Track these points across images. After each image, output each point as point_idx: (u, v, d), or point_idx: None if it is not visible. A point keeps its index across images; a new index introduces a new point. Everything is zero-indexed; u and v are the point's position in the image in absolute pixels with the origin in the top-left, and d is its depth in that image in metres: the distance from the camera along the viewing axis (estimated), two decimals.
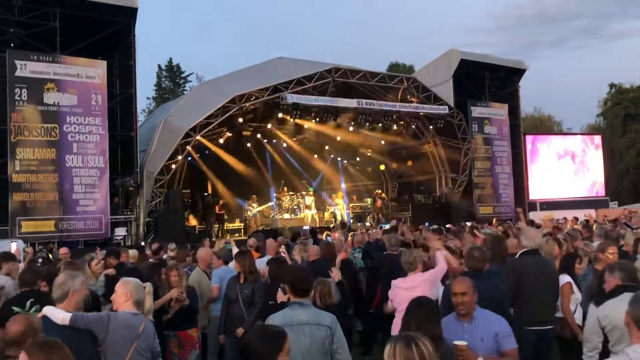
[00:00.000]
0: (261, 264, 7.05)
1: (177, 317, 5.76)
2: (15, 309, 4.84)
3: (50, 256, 10.07)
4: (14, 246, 8.65)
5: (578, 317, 5.58)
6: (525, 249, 5.46)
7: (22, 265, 7.08)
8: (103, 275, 6.90)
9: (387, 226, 14.85)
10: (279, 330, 2.92)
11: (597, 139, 29.75)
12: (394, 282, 5.64)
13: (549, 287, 5.22)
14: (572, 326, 5.41)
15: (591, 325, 4.20)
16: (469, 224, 15.64)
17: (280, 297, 4.93)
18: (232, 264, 6.68)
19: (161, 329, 5.45)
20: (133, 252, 8.79)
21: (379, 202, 24.03)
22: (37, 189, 14.97)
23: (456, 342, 3.53)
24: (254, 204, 22.36)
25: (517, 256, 5.61)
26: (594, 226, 11.63)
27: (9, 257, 6.57)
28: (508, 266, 5.50)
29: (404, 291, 5.32)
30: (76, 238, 15.41)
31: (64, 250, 9.42)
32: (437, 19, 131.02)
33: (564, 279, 5.62)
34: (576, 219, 16.04)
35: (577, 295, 5.67)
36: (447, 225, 14.74)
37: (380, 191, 24.94)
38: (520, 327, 4.71)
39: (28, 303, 4.83)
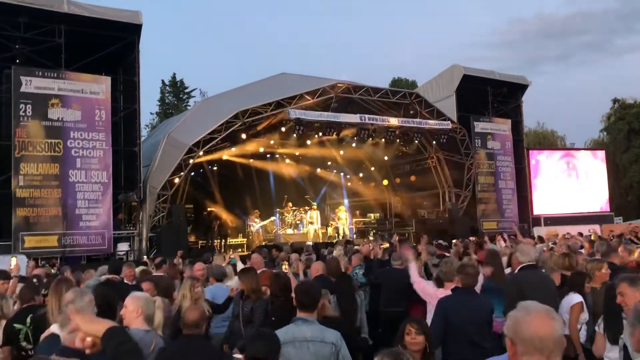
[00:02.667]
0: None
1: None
2: (17, 326, 4.84)
3: (52, 271, 10.04)
4: (13, 261, 8.62)
5: (582, 336, 5.50)
6: (524, 264, 5.41)
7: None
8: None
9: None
10: (273, 334, 2.93)
11: (601, 154, 29.69)
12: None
13: (548, 301, 5.10)
14: (577, 346, 5.33)
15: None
16: (472, 238, 15.53)
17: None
18: (233, 282, 6.65)
19: None
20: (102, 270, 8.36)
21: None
22: (40, 204, 14.97)
23: None
24: (256, 219, 22.32)
25: (516, 271, 5.58)
26: (596, 242, 11.51)
27: (1, 276, 6.53)
28: (509, 281, 5.46)
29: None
30: (79, 253, 15.39)
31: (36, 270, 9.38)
32: (441, 35, 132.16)
33: (575, 298, 5.49)
34: (580, 234, 15.92)
35: (585, 316, 5.58)
36: (453, 241, 14.64)
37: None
38: None
39: (28, 319, 4.83)
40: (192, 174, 19.70)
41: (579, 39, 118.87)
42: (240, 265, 7.91)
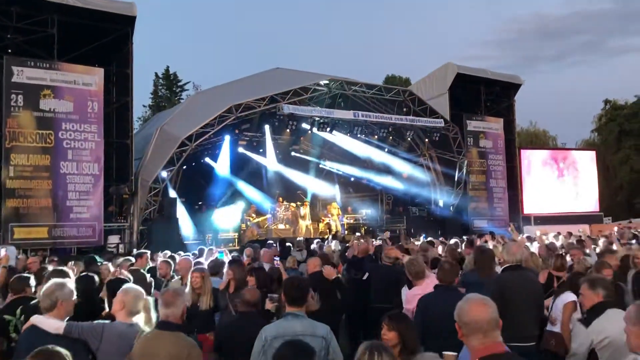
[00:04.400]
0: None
1: (197, 321, 5.75)
2: (7, 317, 4.83)
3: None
4: (2, 252, 8.58)
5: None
6: (508, 264, 5.42)
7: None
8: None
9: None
10: (308, 346, 2.94)
11: (592, 154, 29.90)
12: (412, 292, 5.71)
13: (531, 302, 5.12)
14: (567, 343, 5.38)
15: (581, 345, 4.16)
16: (465, 237, 15.60)
17: (268, 305, 5.11)
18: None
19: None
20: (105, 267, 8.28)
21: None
22: (30, 195, 14.89)
23: (445, 353, 3.52)
24: (253, 214, 22.30)
25: (500, 272, 5.59)
26: (599, 241, 11.57)
27: None
28: (491, 282, 5.47)
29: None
30: (69, 245, 15.33)
31: (31, 259, 9.35)
32: (438, 33, 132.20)
33: (570, 297, 5.56)
34: (570, 234, 16.04)
35: (578, 315, 5.64)
36: (440, 239, 14.67)
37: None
38: None
39: (18, 310, 4.82)
40: (185, 167, 19.64)
41: (575, 40, 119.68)
42: (227, 259, 7.93)
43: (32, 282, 5.36)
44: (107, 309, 5.07)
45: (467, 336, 2.67)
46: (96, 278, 6.08)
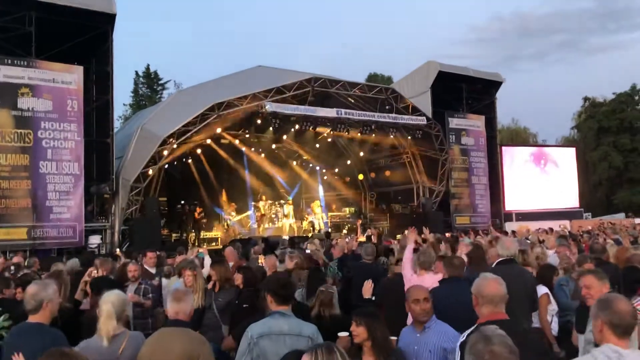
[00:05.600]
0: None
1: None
2: None
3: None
4: None
5: (554, 328, 5.61)
6: (501, 259, 5.46)
7: None
8: None
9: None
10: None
11: (572, 151, 30.31)
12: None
13: (524, 297, 5.14)
14: (549, 337, 5.43)
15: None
16: (447, 234, 15.70)
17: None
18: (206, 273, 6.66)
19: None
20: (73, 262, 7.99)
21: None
22: (8, 196, 14.63)
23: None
24: (232, 213, 22.19)
25: (493, 266, 5.63)
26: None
27: None
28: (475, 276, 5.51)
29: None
30: (49, 246, 15.08)
31: (17, 259, 9.24)
32: (419, 31, 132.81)
33: (541, 290, 5.64)
34: (551, 229, 16.25)
35: (554, 306, 5.71)
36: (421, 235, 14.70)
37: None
38: None
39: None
40: (166, 166, 19.48)
41: (555, 38, 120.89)
42: (207, 259, 7.88)
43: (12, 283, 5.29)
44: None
45: (481, 305, 3.44)
46: None
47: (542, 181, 27.47)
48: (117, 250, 14.68)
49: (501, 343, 2.25)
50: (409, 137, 22.25)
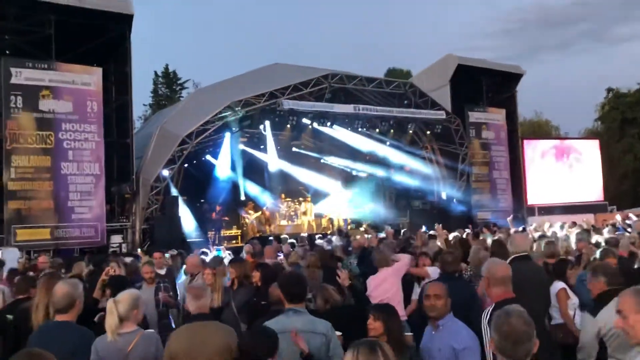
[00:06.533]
0: None
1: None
2: (9, 317, 4.86)
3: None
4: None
5: (578, 322, 5.50)
6: (515, 255, 5.35)
7: None
8: None
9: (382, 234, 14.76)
10: (273, 333, 2.88)
11: (595, 143, 29.74)
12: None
13: (539, 293, 5.04)
14: (573, 331, 5.32)
15: (588, 334, 4.09)
16: (468, 230, 15.52)
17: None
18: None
19: None
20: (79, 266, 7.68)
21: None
22: (32, 197, 14.87)
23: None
24: (250, 211, 22.25)
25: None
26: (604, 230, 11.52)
27: None
28: None
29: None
30: (72, 246, 15.31)
31: (43, 259, 9.36)
32: (439, 24, 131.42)
33: (558, 285, 5.53)
34: (574, 223, 15.96)
35: (574, 300, 5.60)
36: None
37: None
38: None
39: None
40: (186, 165, 19.60)
41: (578, 28, 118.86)
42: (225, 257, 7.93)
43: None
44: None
45: (492, 286, 3.95)
46: None
47: (565, 174, 27.01)
48: (139, 249, 14.83)
49: (519, 316, 2.61)
50: (428, 132, 22.08)
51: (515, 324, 2.58)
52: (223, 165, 21.48)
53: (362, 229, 22.16)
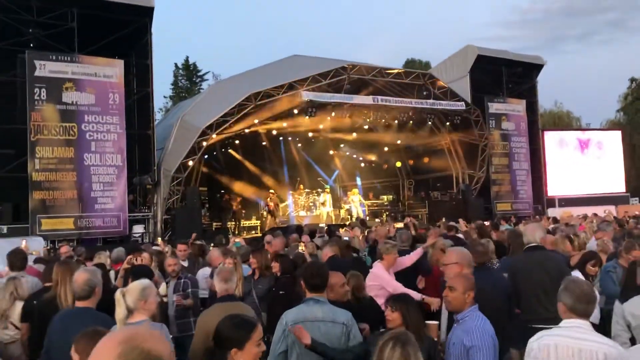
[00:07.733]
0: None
1: None
2: (34, 302, 5.01)
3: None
4: (23, 243, 8.92)
5: (596, 315, 5.48)
6: (529, 245, 5.36)
7: None
8: None
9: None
10: (248, 319, 2.95)
11: (617, 134, 29.29)
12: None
13: (555, 282, 5.08)
14: None
15: (616, 322, 4.12)
16: (487, 223, 15.47)
17: None
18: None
19: None
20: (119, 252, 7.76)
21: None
22: (56, 187, 15.15)
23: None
24: (271, 202, 22.42)
25: (521, 253, 5.57)
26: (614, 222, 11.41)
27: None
28: (508, 264, 5.47)
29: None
30: (95, 235, 15.59)
31: (64, 249, 9.54)
32: (459, 14, 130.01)
33: (575, 275, 5.51)
34: (595, 215, 15.82)
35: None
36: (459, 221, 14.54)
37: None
38: (525, 325, 4.61)
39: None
40: (206, 156, 19.78)
41: (601, 17, 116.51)
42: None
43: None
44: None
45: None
46: None
47: (586, 165, 26.67)
48: (159, 239, 15.07)
49: (584, 283, 3.24)
50: (448, 123, 21.96)
51: (587, 288, 3.17)
52: (242, 156, 21.66)
53: (378, 220, 22.20)
